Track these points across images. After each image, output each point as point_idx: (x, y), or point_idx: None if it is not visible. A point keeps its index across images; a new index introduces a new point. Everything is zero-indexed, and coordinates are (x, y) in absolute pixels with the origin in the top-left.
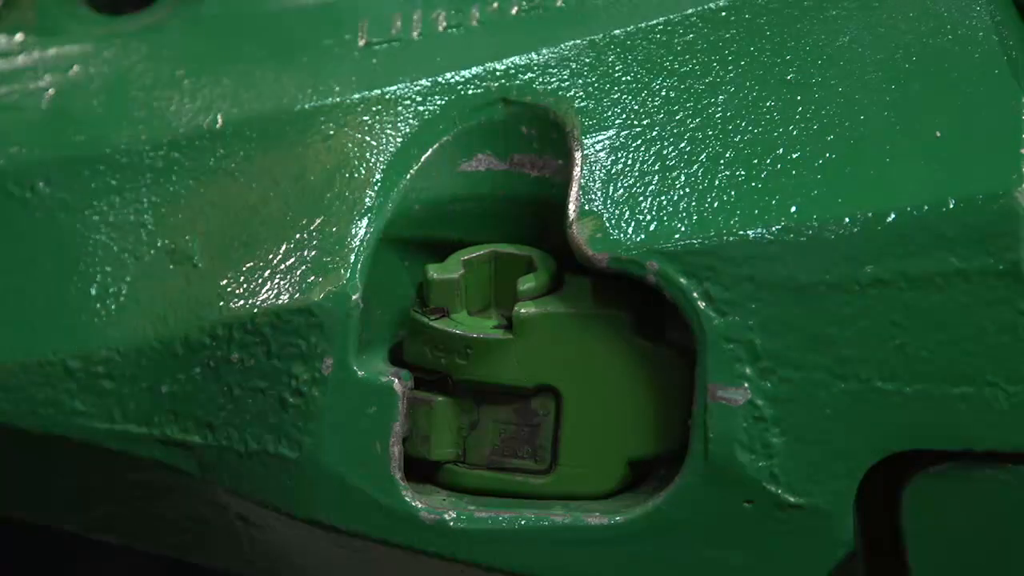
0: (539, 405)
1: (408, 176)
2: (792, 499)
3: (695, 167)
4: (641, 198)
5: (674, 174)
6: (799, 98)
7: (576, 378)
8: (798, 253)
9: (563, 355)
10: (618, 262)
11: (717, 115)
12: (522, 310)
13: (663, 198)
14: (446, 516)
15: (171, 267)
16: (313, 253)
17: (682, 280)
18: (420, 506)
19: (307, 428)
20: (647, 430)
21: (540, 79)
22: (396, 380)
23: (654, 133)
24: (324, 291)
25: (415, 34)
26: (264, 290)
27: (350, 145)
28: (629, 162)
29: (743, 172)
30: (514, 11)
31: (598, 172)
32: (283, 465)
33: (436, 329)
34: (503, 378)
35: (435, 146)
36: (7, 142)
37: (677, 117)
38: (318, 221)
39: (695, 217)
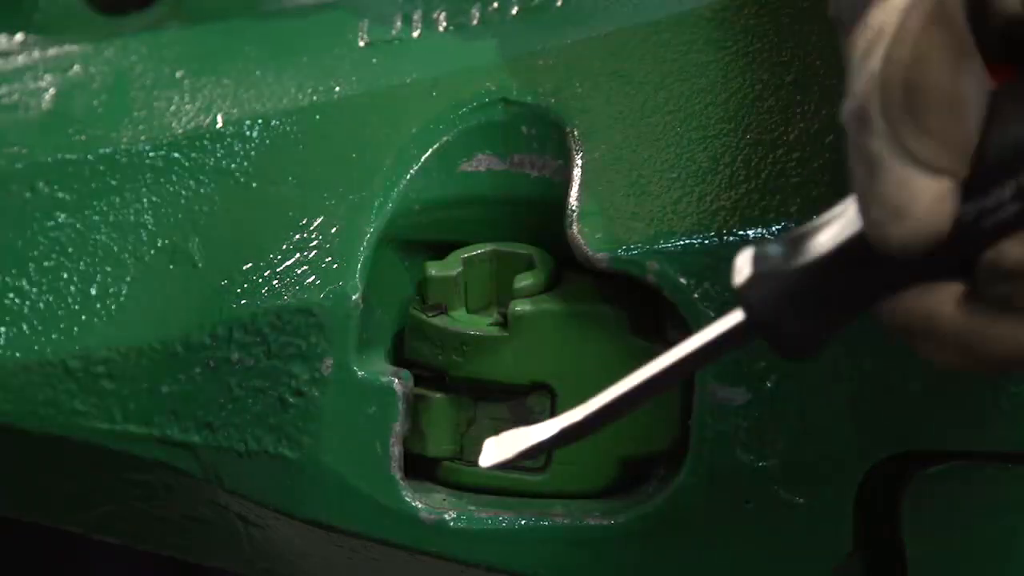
0: (535, 402)
1: (408, 176)
2: (792, 499)
3: (695, 167)
4: (641, 198)
5: (674, 174)
6: (799, 98)
7: (571, 376)
8: None
9: (558, 353)
10: (618, 262)
11: (717, 115)
12: (517, 307)
13: (663, 198)
14: (446, 516)
15: (171, 267)
16: (313, 253)
17: (682, 280)
18: (420, 506)
19: (307, 428)
20: (642, 429)
21: (540, 79)
22: (396, 380)
23: (654, 133)
24: (324, 291)
25: (415, 34)
26: (264, 290)
27: (350, 145)
28: (629, 162)
29: (743, 172)
30: (514, 11)
31: (598, 172)
32: (283, 465)
33: (432, 325)
34: (499, 375)
35: (435, 146)
36: (7, 142)
37: (677, 117)
38: (318, 221)
39: (695, 217)
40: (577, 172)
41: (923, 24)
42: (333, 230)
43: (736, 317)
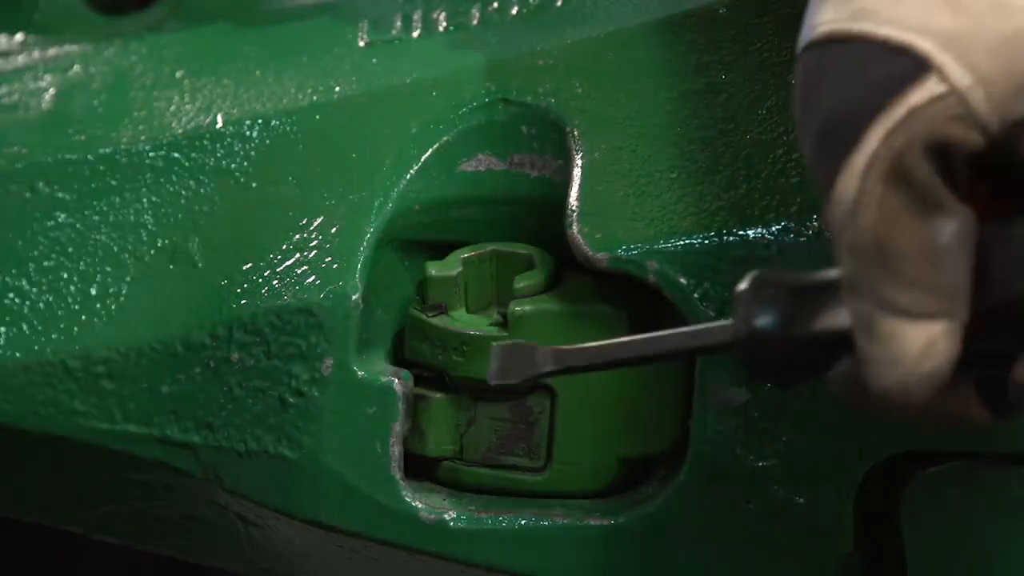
0: (535, 402)
1: (408, 176)
2: (792, 499)
3: (695, 167)
4: (641, 198)
5: (674, 174)
6: None
7: (571, 376)
8: (798, 253)
9: None
10: (618, 262)
11: (717, 115)
12: (517, 308)
13: (663, 198)
14: (446, 516)
15: (171, 267)
16: (313, 253)
17: (682, 280)
18: (420, 506)
19: (307, 428)
20: (642, 429)
21: (540, 79)
22: (396, 380)
23: (654, 133)
24: (324, 291)
25: (415, 34)
26: (264, 290)
27: (350, 145)
28: (629, 162)
29: (743, 172)
30: (514, 11)
31: (598, 172)
32: (283, 465)
33: (432, 325)
34: None
35: (435, 146)
36: (7, 142)
37: (677, 117)
38: (318, 221)
39: (695, 217)
40: (577, 172)
41: (883, 185)
42: (333, 230)
43: (727, 335)
